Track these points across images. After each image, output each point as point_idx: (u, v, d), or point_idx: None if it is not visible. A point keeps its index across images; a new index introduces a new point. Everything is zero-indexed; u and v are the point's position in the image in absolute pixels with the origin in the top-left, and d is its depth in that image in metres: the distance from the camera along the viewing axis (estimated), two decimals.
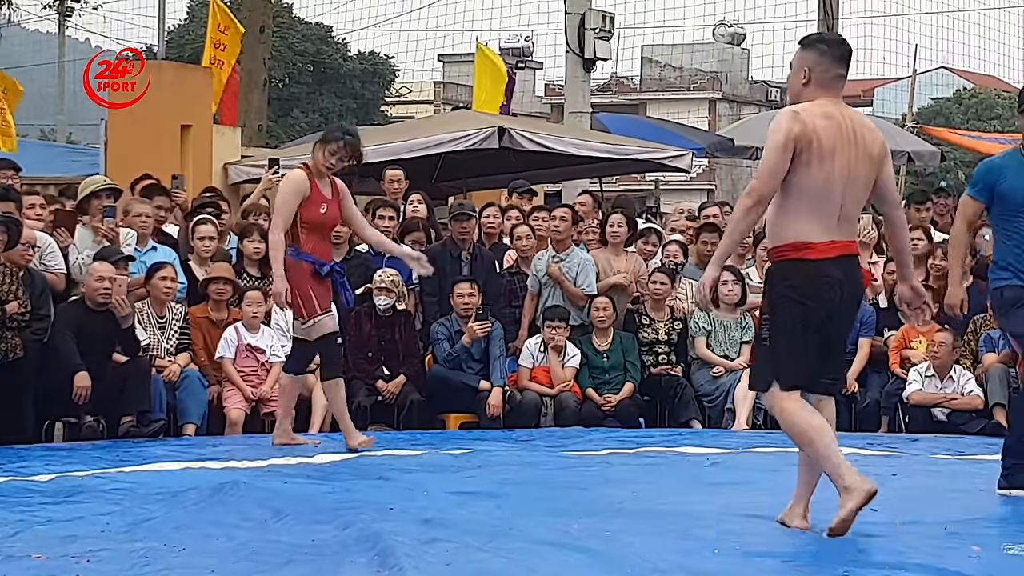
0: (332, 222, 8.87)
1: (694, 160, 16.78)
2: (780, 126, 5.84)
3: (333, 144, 8.64)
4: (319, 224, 8.63)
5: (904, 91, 28.00)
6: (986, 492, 7.61)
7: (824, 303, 5.86)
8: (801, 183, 5.82)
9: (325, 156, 8.61)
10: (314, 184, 8.58)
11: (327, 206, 8.63)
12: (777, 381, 5.96)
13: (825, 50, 6.01)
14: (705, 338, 11.38)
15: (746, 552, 5.73)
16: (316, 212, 8.55)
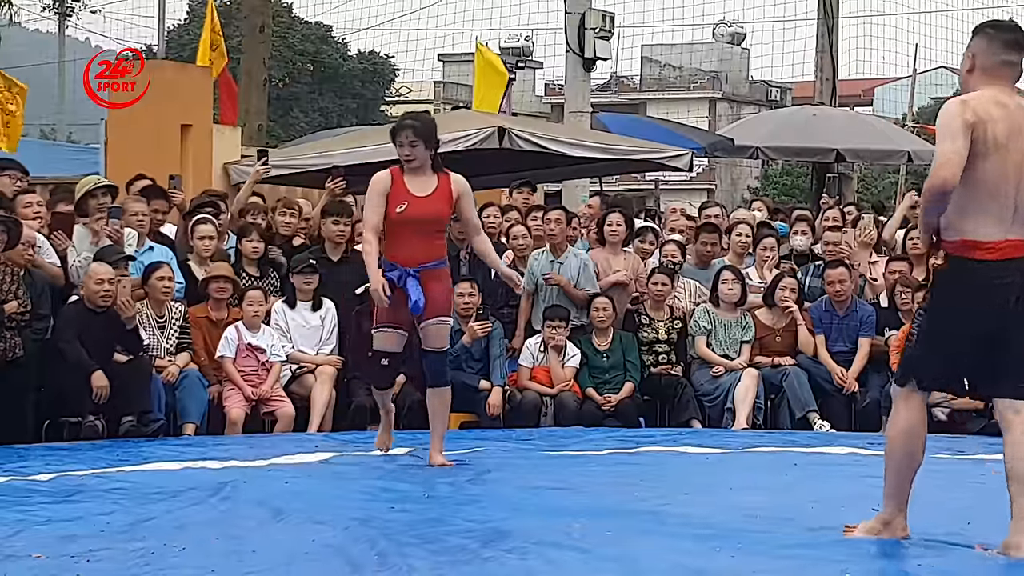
0: (419, 219, 8.03)
1: (694, 160, 16.77)
2: (951, 112, 5.44)
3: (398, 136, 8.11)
4: (398, 222, 8.02)
5: (904, 91, 28.04)
6: (987, 491, 7.60)
7: (995, 308, 5.49)
8: (972, 176, 5.41)
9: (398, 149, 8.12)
10: (399, 181, 8.07)
11: (408, 204, 7.99)
12: (915, 380, 5.78)
13: (992, 35, 5.60)
14: (705, 337, 11.38)
15: (747, 551, 5.73)
16: (392, 210, 8.02)
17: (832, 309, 11.47)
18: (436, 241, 8.18)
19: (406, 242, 8.05)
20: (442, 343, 8.26)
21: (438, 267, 8.15)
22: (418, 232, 8.05)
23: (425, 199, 8.03)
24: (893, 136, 20.53)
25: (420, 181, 8.08)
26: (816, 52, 21.63)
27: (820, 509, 6.80)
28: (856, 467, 8.63)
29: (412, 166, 8.04)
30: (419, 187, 8.06)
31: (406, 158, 8.03)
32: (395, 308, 8.02)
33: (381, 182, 8.07)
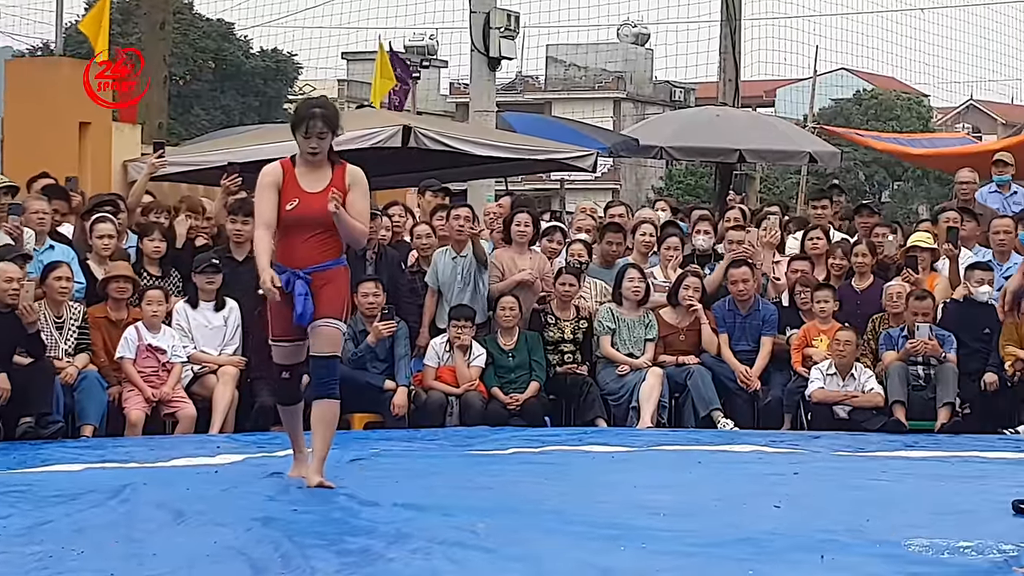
0: (310, 218, 7.31)
1: (599, 160, 16.81)
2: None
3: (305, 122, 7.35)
4: (287, 221, 7.31)
5: (805, 92, 28.32)
6: (887, 487, 7.69)
7: None
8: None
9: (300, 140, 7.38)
10: (290, 175, 7.36)
11: (299, 201, 7.29)
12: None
13: None
14: (610, 337, 11.40)
15: (652, 550, 5.74)
16: (283, 208, 7.30)
17: (735, 308, 11.55)
18: (330, 240, 7.38)
19: (297, 242, 7.32)
20: (332, 348, 7.39)
21: (332, 267, 7.39)
22: (310, 231, 7.32)
23: (317, 195, 7.29)
24: (795, 137, 20.71)
25: (314, 175, 7.37)
26: (719, 53, 21.77)
27: (724, 507, 6.84)
28: (759, 465, 8.70)
29: (315, 160, 7.34)
30: (311, 182, 7.35)
31: (311, 151, 7.31)
32: (285, 318, 7.30)
33: (271, 175, 7.36)
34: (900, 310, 11.26)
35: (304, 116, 7.36)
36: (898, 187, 49.85)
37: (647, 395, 10.99)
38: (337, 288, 7.40)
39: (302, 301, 7.18)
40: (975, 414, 11.05)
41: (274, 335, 7.47)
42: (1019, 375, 10.94)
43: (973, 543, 5.80)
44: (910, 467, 8.69)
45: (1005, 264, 11.73)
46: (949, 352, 11.04)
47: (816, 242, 12.25)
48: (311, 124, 7.30)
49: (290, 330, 7.35)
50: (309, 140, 7.31)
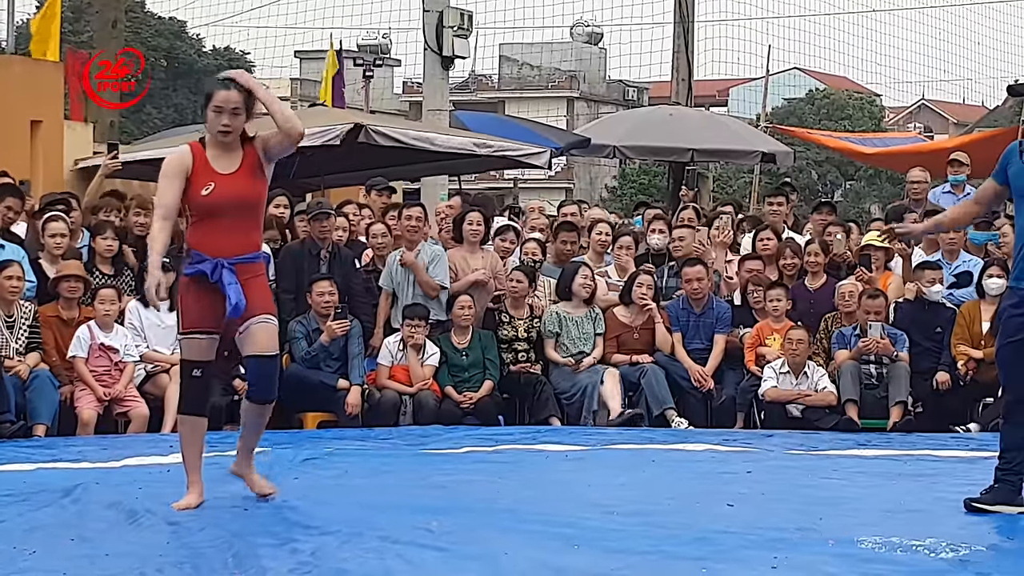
0: (230, 203, 6.71)
1: (552, 158, 16.82)
2: None
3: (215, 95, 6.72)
4: (204, 208, 6.70)
5: (758, 91, 28.45)
6: (839, 486, 7.73)
7: None
8: None
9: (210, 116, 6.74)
10: (201, 159, 6.73)
11: (215, 184, 6.68)
12: None
13: None
14: (553, 340, 11.39)
15: (606, 547, 5.74)
16: (196, 193, 6.67)
17: (689, 307, 11.57)
18: (252, 228, 6.84)
19: (216, 230, 6.70)
20: (274, 346, 6.92)
21: (255, 260, 6.86)
22: (230, 217, 6.70)
23: (232, 177, 6.71)
24: (748, 136, 20.78)
25: (228, 157, 6.75)
26: (672, 53, 21.82)
27: (677, 505, 6.86)
28: (712, 463, 8.72)
29: (228, 140, 6.71)
30: (224, 163, 6.74)
31: (224, 129, 6.66)
32: (203, 308, 6.71)
33: (178, 162, 6.70)
34: (852, 309, 11.32)
35: (214, 92, 6.75)
36: (850, 186, 50.14)
37: (610, 392, 11.00)
38: (265, 283, 6.98)
39: (237, 290, 6.62)
40: (927, 413, 11.12)
41: (188, 327, 6.78)
42: (971, 374, 11.01)
43: (925, 542, 5.84)
44: (862, 466, 8.73)
45: (954, 263, 11.81)
46: (901, 351, 11.10)
47: (767, 242, 12.29)
48: (222, 98, 6.68)
49: (208, 321, 6.74)
50: (220, 116, 6.67)
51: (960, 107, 60.97)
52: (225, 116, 6.65)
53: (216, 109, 6.68)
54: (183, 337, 6.85)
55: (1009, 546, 6.02)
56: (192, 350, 6.83)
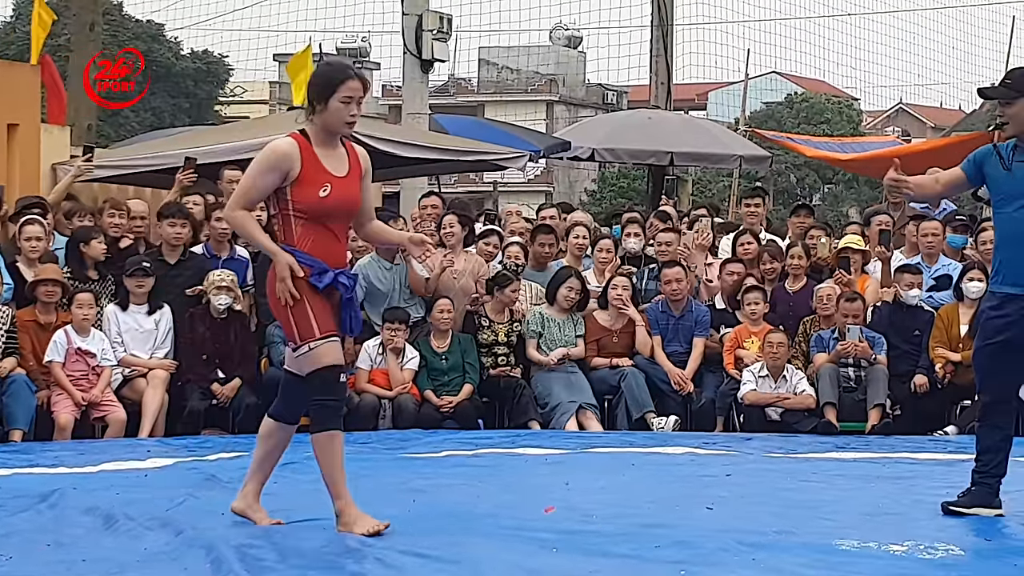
0: (344, 209, 6.18)
1: (531, 162, 16.82)
2: None
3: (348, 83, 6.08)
4: (319, 212, 6.09)
5: (737, 95, 28.49)
6: (818, 489, 7.73)
7: None
8: None
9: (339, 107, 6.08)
10: (312, 157, 6.10)
11: (331, 187, 6.10)
12: None
13: None
14: (536, 340, 11.38)
15: (585, 552, 5.73)
16: (314, 193, 6.05)
17: (668, 310, 11.58)
18: (348, 238, 6.49)
19: (328, 237, 6.12)
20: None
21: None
22: (339, 223, 6.20)
23: (345, 180, 6.14)
24: (726, 140, 20.81)
25: (335, 156, 6.17)
26: (651, 57, 21.84)
27: (657, 508, 6.85)
28: (692, 467, 8.72)
29: (347, 132, 6.22)
30: (335, 165, 6.14)
31: (352, 121, 6.10)
32: (328, 311, 6.10)
33: (286, 155, 6.06)
34: (831, 312, 11.34)
35: (347, 76, 6.12)
36: (829, 190, 50.25)
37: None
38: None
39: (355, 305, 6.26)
40: (905, 416, 11.15)
41: (325, 330, 6.05)
42: (949, 377, 11.04)
43: (903, 544, 5.84)
44: (841, 468, 8.74)
45: (933, 266, 11.84)
46: (879, 354, 11.12)
47: (747, 246, 12.31)
48: (356, 83, 6.09)
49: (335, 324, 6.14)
50: (350, 107, 6.07)
51: (937, 111, 61.15)
52: (355, 106, 6.09)
53: (346, 99, 6.07)
54: (321, 342, 6.01)
55: (987, 548, 6.03)
56: (332, 354, 6.08)
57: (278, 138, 6.21)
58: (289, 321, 6.04)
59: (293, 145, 6.08)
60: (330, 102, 6.07)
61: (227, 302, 10.66)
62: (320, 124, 6.12)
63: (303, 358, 6.06)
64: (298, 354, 6.08)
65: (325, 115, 6.09)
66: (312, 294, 6.03)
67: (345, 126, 6.12)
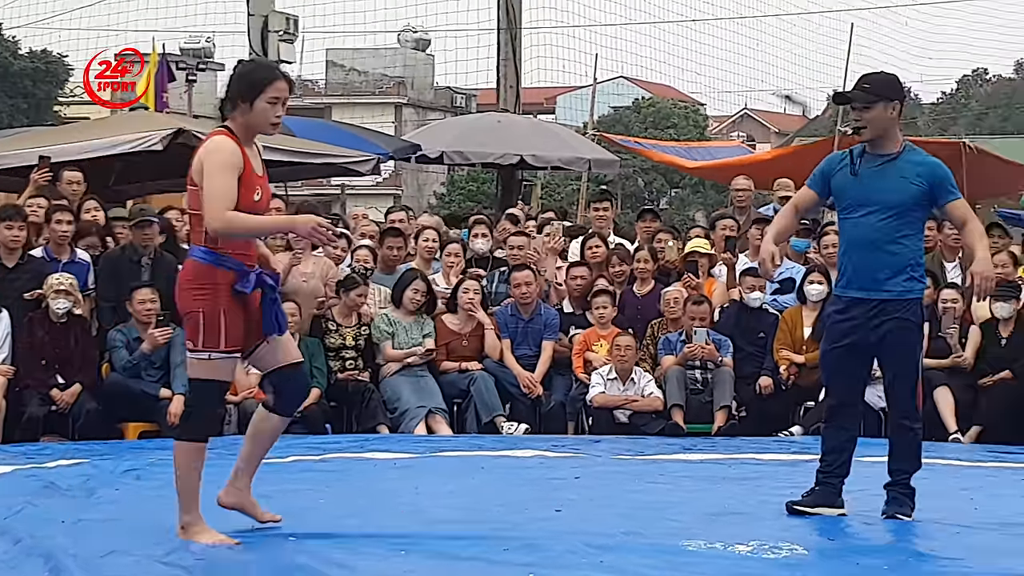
0: (265, 211, 6.12)
1: (380, 164, 16.73)
2: None
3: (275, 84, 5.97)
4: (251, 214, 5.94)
5: (585, 99, 28.64)
6: (665, 490, 7.79)
7: None
8: None
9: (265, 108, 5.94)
10: (246, 157, 5.93)
11: (262, 190, 5.99)
12: None
13: None
14: (390, 341, 11.31)
15: (433, 554, 5.71)
16: (250, 198, 5.89)
17: (517, 313, 11.59)
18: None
19: (244, 242, 6.00)
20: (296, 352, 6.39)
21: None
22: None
23: (264, 180, 6.06)
24: (575, 144, 20.90)
25: (256, 158, 6.06)
26: (499, 60, 21.86)
27: (506, 512, 6.84)
28: (541, 469, 8.74)
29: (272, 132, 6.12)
30: (258, 165, 6.05)
31: (277, 122, 6.02)
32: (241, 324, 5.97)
33: (237, 153, 5.88)
34: (678, 315, 11.44)
35: (275, 76, 6.02)
36: (676, 194, 50.82)
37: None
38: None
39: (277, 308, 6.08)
40: (751, 417, 11.29)
41: (231, 345, 5.96)
42: (793, 378, 11.21)
43: (749, 544, 5.90)
44: (688, 470, 8.83)
45: (777, 270, 11.97)
46: (725, 356, 11.25)
47: (595, 249, 12.36)
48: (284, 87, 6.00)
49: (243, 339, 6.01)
50: (276, 108, 5.96)
51: (781, 117, 62.21)
52: (280, 107, 5.97)
53: (273, 100, 5.93)
54: (223, 356, 5.94)
55: (830, 547, 6.12)
56: (227, 370, 6.03)
57: (215, 137, 5.97)
58: (198, 324, 5.90)
59: (235, 143, 5.91)
60: (256, 102, 5.93)
61: (67, 306, 10.44)
62: (243, 124, 5.96)
63: (199, 363, 5.96)
64: (195, 357, 5.96)
65: (250, 115, 5.94)
66: (232, 305, 5.91)
67: (270, 127, 5.98)
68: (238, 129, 5.95)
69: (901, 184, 6.66)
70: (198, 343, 5.91)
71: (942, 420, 10.66)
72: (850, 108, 6.84)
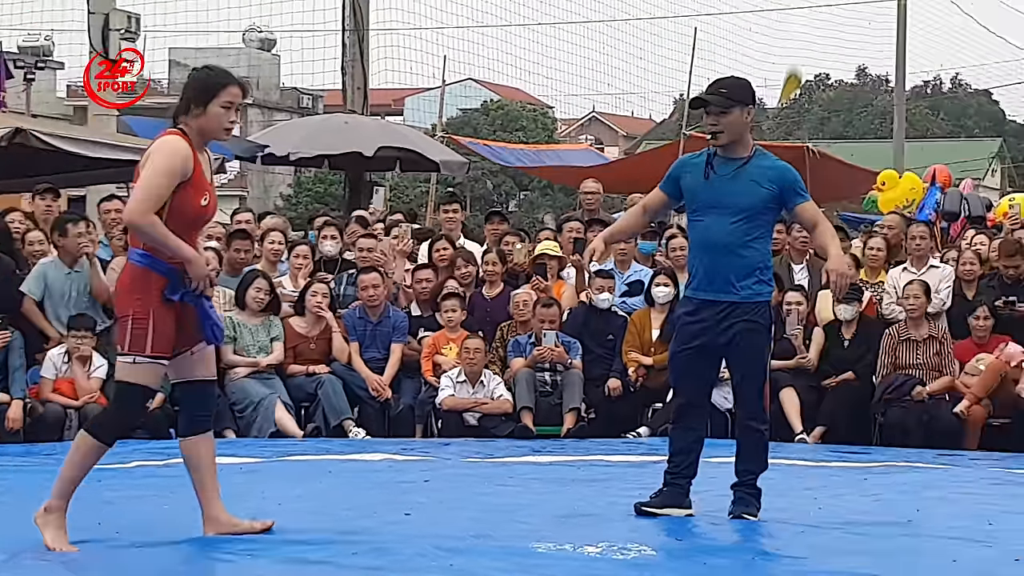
0: (211, 217, 6.14)
1: (226, 165, 16.51)
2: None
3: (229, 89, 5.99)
4: (194, 220, 5.95)
5: (434, 101, 28.60)
6: (514, 492, 7.79)
7: None
8: None
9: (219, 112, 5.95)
10: (197, 161, 5.91)
11: (210, 196, 5.96)
12: None
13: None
14: (232, 345, 11.15)
15: (280, 558, 5.65)
16: (197, 201, 5.88)
17: (366, 316, 11.51)
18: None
19: (194, 245, 5.94)
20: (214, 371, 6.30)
21: None
22: (196, 233, 6.04)
23: (212, 187, 6.04)
24: (424, 146, 20.85)
25: (206, 162, 6.03)
26: (345, 61, 21.71)
27: (354, 516, 6.79)
28: (390, 473, 8.70)
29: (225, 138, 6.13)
30: (207, 170, 6.01)
31: (231, 127, 6.03)
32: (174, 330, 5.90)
33: (188, 158, 5.84)
34: (527, 317, 11.46)
35: (229, 81, 6.03)
36: (525, 196, 51.02)
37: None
38: None
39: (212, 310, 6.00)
40: (599, 419, 11.35)
41: (159, 351, 5.88)
42: (641, 380, 11.28)
43: (598, 546, 5.91)
44: (537, 472, 8.84)
45: (626, 272, 12.08)
46: (575, 358, 11.29)
47: (443, 252, 12.34)
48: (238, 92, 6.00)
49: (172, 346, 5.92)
50: (230, 113, 5.98)
51: (629, 120, 62.84)
52: (233, 113, 5.99)
53: (227, 104, 5.95)
54: (149, 361, 5.85)
55: (678, 548, 6.15)
56: (153, 376, 5.94)
57: (169, 137, 5.92)
58: (127, 327, 5.86)
59: (187, 146, 5.87)
60: (209, 107, 5.92)
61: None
62: (196, 128, 5.93)
63: (124, 366, 5.90)
64: (122, 359, 5.90)
65: (203, 120, 5.92)
66: (161, 310, 5.84)
67: (224, 132, 5.98)
68: (191, 133, 5.92)
69: (752, 188, 6.71)
70: (125, 346, 5.88)
71: (787, 420, 10.83)
72: (705, 113, 6.85)
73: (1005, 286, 11.46)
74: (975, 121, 64.47)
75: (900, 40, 30.75)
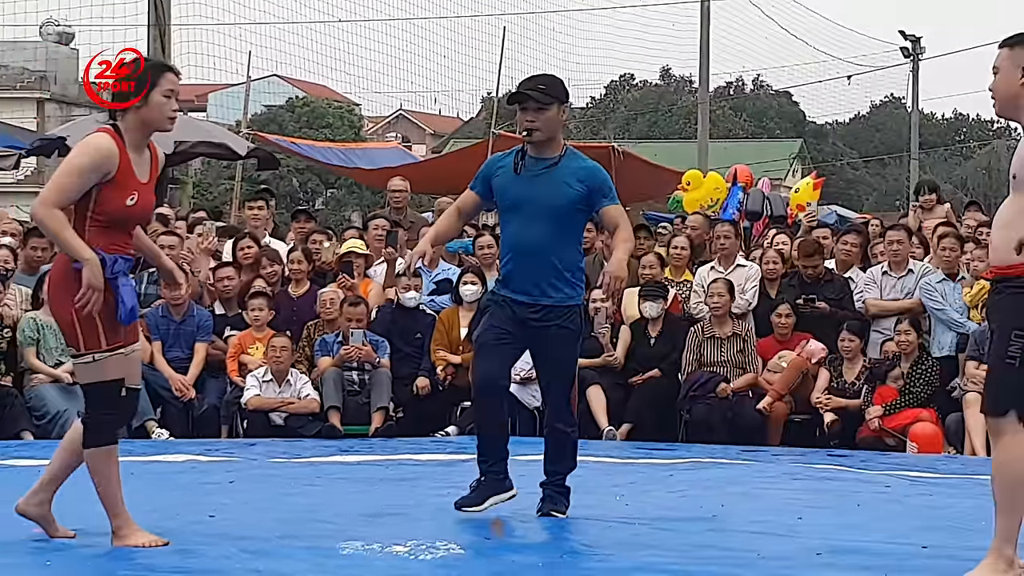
0: (143, 217, 5.92)
1: (22, 160, 16.09)
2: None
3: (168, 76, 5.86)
4: (120, 220, 5.74)
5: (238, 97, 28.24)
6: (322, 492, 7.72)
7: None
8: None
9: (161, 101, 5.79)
10: (125, 159, 5.72)
11: (139, 196, 5.74)
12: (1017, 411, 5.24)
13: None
14: (34, 348, 10.86)
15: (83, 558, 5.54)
16: (122, 201, 5.68)
17: (169, 315, 11.31)
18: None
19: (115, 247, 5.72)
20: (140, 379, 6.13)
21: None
22: (129, 231, 5.84)
23: (146, 187, 5.79)
24: (229, 142, 20.56)
25: (141, 161, 5.80)
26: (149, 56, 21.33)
27: (159, 518, 6.63)
28: (194, 474, 8.57)
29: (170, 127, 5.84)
30: (142, 169, 5.78)
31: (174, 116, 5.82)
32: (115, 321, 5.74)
33: (110, 157, 5.64)
34: (334, 316, 11.38)
35: (166, 68, 5.93)
36: (332, 194, 50.74)
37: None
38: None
39: (132, 293, 5.78)
40: (408, 418, 11.32)
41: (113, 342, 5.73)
42: (449, 379, 11.27)
43: (406, 545, 5.88)
44: (345, 472, 8.79)
45: (434, 271, 12.06)
46: (383, 357, 11.24)
47: (247, 250, 12.18)
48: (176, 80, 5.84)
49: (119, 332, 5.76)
50: (171, 102, 5.79)
51: (436, 118, 62.86)
52: (175, 101, 5.79)
53: (168, 92, 5.77)
54: (109, 355, 5.70)
55: (486, 545, 6.15)
56: (117, 368, 5.75)
57: (95, 135, 5.72)
58: (74, 327, 5.66)
59: (113, 144, 5.66)
60: (151, 96, 5.75)
61: None
62: (138, 121, 5.77)
63: (85, 367, 5.74)
64: (80, 363, 5.75)
65: (145, 111, 5.75)
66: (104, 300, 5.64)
67: (168, 121, 5.77)
68: (128, 130, 5.75)
69: (561, 188, 6.68)
70: (81, 347, 5.70)
71: (594, 418, 10.92)
72: (520, 109, 6.75)
73: (805, 284, 11.71)
74: (776, 122, 65.92)
75: (704, 42, 31.34)
